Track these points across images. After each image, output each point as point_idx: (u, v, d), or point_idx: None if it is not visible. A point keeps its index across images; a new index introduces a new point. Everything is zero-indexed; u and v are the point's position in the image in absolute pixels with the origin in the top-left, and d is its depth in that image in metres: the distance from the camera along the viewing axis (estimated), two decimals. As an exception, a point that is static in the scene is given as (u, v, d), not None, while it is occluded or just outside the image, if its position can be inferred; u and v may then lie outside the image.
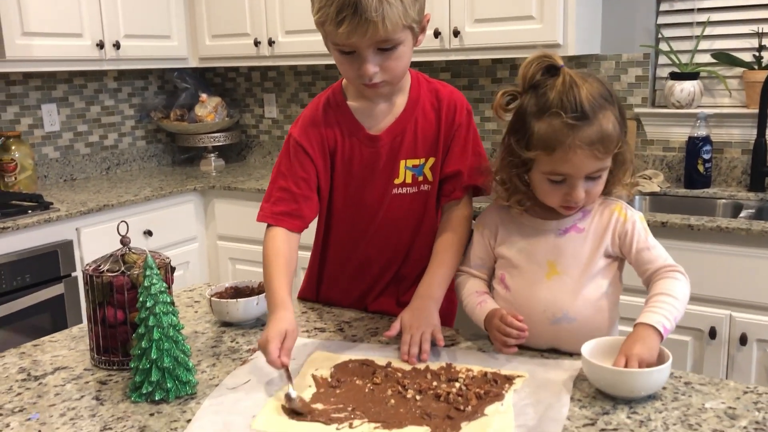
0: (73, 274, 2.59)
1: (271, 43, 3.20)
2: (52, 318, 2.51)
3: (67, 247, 2.58)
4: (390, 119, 1.40)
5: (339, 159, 1.41)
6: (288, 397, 1.09)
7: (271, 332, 1.16)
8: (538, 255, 1.27)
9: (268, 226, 1.38)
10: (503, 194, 1.29)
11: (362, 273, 1.50)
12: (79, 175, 3.37)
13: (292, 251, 1.36)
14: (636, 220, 1.27)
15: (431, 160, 1.42)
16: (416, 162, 1.42)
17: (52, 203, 2.64)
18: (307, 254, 1.58)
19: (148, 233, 2.89)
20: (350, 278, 1.52)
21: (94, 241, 2.66)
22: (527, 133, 1.20)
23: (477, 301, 1.32)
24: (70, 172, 3.33)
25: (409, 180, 1.42)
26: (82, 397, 1.15)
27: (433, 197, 1.45)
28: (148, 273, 1.14)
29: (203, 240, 3.22)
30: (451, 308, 1.53)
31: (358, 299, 1.53)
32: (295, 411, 1.07)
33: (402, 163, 1.41)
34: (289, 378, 1.13)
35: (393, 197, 1.43)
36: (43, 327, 2.46)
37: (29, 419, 1.08)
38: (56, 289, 2.54)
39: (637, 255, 1.25)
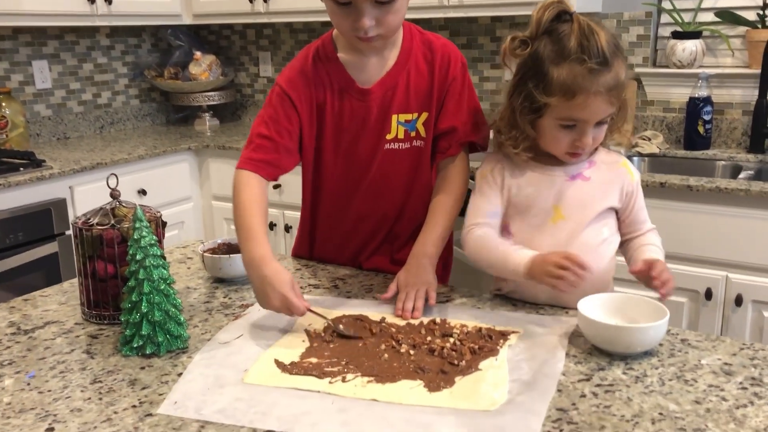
0: (67, 232, 2.57)
1: (266, -1, 3.13)
2: (46, 276, 2.50)
3: (60, 205, 2.55)
4: (381, 72, 1.36)
5: (328, 113, 1.38)
6: (333, 328, 1.17)
7: (282, 286, 1.15)
8: (545, 200, 1.27)
9: (240, 170, 1.34)
10: (512, 142, 1.26)
11: (356, 230, 1.48)
12: (72, 134, 3.32)
13: (265, 200, 1.34)
14: (638, 180, 1.32)
15: (424, 115, 1.39)
16: (409, 117, 1.38)
17: (44, 161, 2.61)
18: (294, 214, 1.55)
19: (142, 192, 2.86)
20: (343, 236, 1.49)
21: (87, 200, 2.62)
22: (545, 78, 1.19)
23: (512, 247, 1.25)
24: (63, 131, 3.28)
25: (401, 135, 1.39)
26: (73, 350, 1.14)
27: (426, 154, 1.42)
28: (137, 226, 1.12)
29: (198, 200, 3.19)
30: (446, 267, 1.52)
31: (352, 257, 1.51)
32: (345, 335, 1.15)
33: (394, 117, 1.38)
34: (319, 314, 1.19)
35: (385, 153, 1.40)
36: (37, 285, 2.41)
37: (26, 378, 1.06)
38: (50, 248, 2.52)
39: (635, 214, 1.31)
